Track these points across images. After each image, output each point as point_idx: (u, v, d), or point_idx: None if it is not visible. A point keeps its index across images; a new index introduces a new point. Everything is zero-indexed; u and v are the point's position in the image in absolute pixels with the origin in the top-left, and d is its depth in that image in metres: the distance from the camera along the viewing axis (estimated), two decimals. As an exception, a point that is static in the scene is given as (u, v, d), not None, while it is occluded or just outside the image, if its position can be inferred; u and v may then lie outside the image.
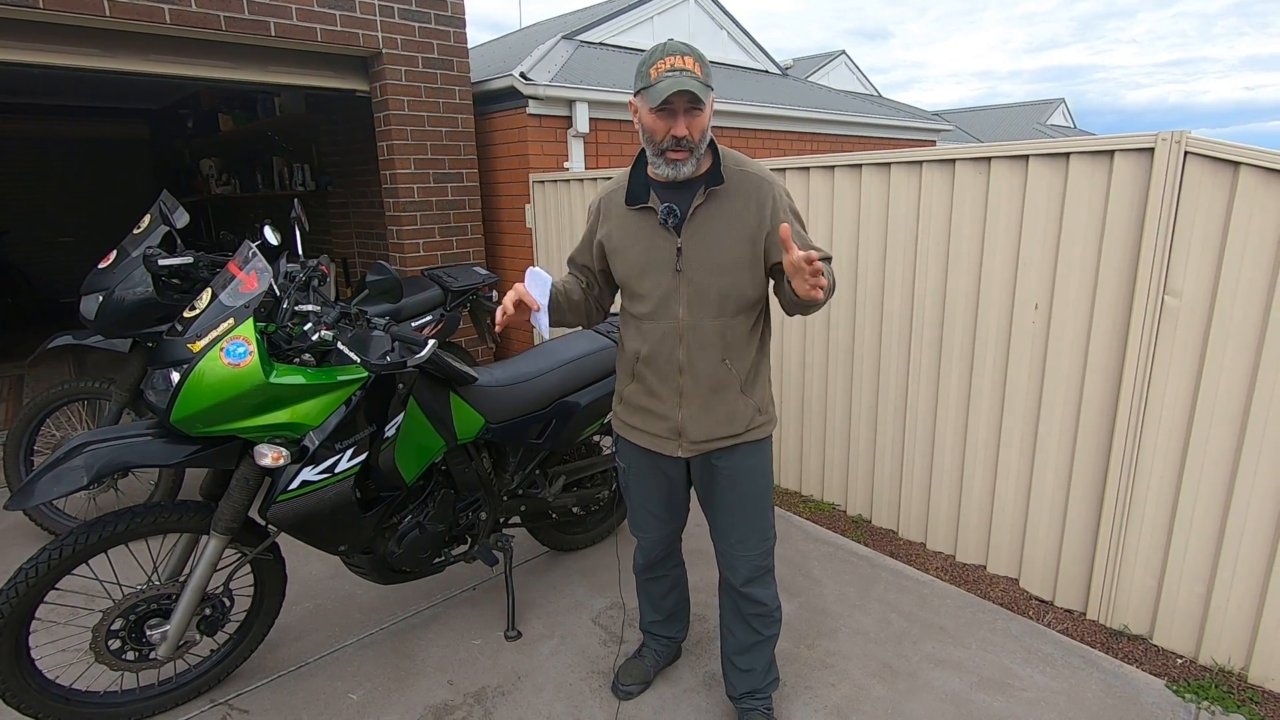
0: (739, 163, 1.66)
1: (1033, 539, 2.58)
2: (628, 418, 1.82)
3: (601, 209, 1.75)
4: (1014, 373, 2.53)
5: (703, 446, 1.72)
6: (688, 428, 1.70)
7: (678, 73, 1.48)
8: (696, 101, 1.49)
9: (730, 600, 1.89)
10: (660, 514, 1.91)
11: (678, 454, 1.74)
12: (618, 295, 1.85)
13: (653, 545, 1.96)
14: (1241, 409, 2.04)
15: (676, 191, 1.62)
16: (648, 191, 1.64)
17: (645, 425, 1.77)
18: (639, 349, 1.73)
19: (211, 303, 1.84)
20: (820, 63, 12.77)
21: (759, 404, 1.73)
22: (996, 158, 2.44)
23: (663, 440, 1.75)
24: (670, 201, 1.61)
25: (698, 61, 1.51)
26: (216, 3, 3.56)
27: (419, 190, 4.55)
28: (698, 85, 1.47)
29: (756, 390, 1.73)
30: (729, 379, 1.68)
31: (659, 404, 1.73)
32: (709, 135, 1.59)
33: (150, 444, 1.78)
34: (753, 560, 1.80)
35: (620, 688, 2.09)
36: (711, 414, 1.69)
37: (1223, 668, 2.17)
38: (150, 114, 8.78)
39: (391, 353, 1.86)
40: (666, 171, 1.58)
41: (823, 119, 7.08)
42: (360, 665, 2.24)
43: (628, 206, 1.67)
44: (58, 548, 1.75)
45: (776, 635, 1.91)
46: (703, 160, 1.62)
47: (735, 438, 1.72)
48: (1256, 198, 1.94)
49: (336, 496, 1.91)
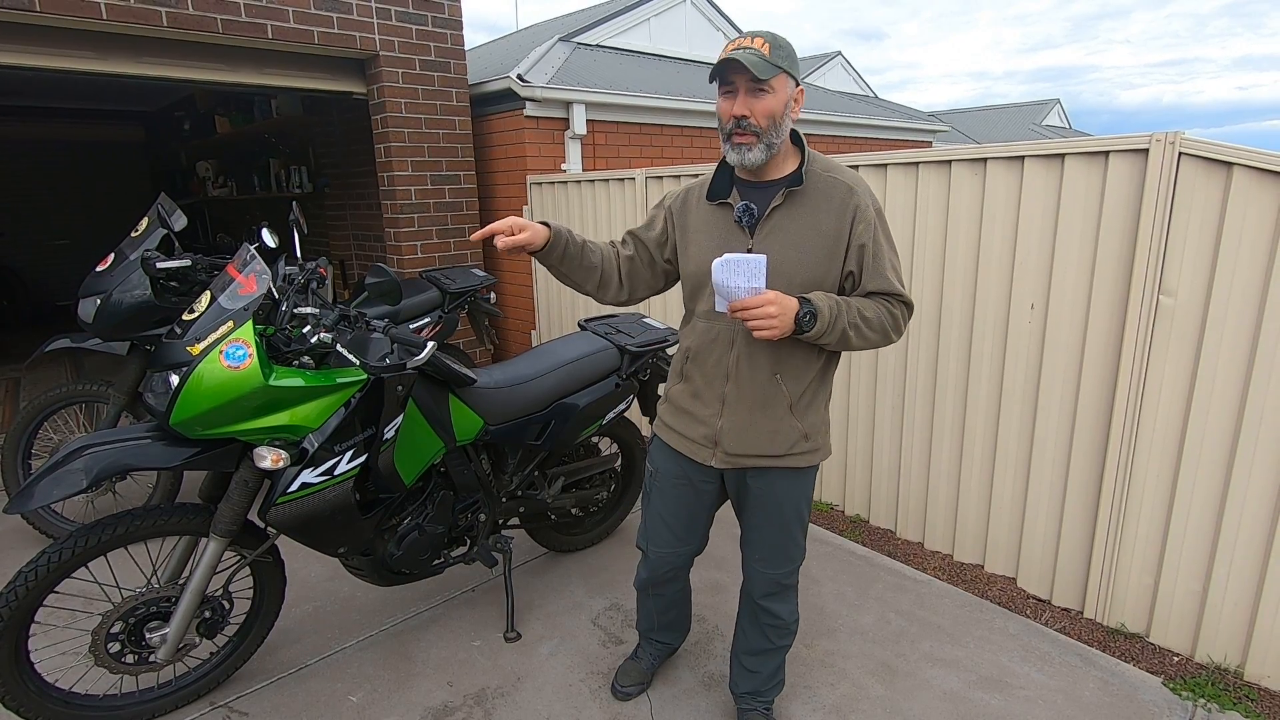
0: (828, 168, 1.56)
1: (1030, 538, 2.59)
2: (668, 419, 1.75)
3: (683, 201, 1.68)
4: (1010, 372, 2.54)
5: (738, 461, 1.64)
6: (725, 438, 1.63)
7: (741, 50, 1.41)
8: (758, 80, 1.41)
9: (748, 606, 1.85)
10: (677, 531, 1.81)
11: (711, 463, 1.67)
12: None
13: (660, 562, 1.86)
14: (1236, 407, 2.06)
15: (758, 191, 1.55)
16: (730, 187, 1.58)
17: (684, 429, 1.70)
18: (690, 345, 1.67)
19: (210, 305, 1.84)
20: (817, 64, 12.80)
21: (808, 429, 1.62)
22: (992, 159, 2.45)
23: (698, 447, 1.68)
24: (750, 200, 1.54)
25: (768, 42, 1.43)
26: (213, 5, 3.56)
27: (416, 192, 4.55)
28: (754, 59, 1.38)
29: (809, 415, 1.62)
30: (778, 396, 1.58)
31: (701, 408, 1.66)
32: (786, 124, 1.49)
33: (149, 447, 1.78)
34: (773, 577, 1.76)
35: (619, 689, 2.09)
36: (754, 429, 1.60)
37: (1219, 665, 2.18)
38: (146, 116, 8.78)
39: (391, 355, 1.86)
40: (734, 158, 1.50)
41: (819, 120, 7.10)
42: (360, 667, 2.24)
43: (708, 201, 1.61)
44: (57, 551, 1.75)
45: (788, 648, 1.89)
46: (786, 159, 1.55)
47: (774, 459, 1.62)
48: (1250, 198, 1.95)
49: (336, 499, 1.91)
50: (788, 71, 1.46)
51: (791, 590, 1.81)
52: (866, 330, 1.51)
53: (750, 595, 1.83)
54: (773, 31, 1.48)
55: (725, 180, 1.60)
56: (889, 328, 1.55)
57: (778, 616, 1.81)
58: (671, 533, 1.82)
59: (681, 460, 1.74)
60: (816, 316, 1.43)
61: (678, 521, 1.81)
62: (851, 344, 1.51)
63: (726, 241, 1.56)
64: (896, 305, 1.56)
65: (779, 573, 1.76)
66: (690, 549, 1.86)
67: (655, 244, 1.72)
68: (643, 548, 1.90)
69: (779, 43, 1.45)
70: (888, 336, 1.55)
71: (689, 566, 1.94)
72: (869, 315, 1.51)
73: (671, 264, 1.72)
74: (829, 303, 1.46)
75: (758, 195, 1.55)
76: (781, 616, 1.81)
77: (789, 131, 1.53)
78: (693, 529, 1.82)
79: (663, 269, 1.74)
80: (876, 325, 1.52)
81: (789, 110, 1.49)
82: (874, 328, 1.52)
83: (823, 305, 1.44)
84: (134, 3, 3.33)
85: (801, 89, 1.52)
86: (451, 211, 4.73)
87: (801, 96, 1.52)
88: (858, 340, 1.51)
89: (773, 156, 1.51)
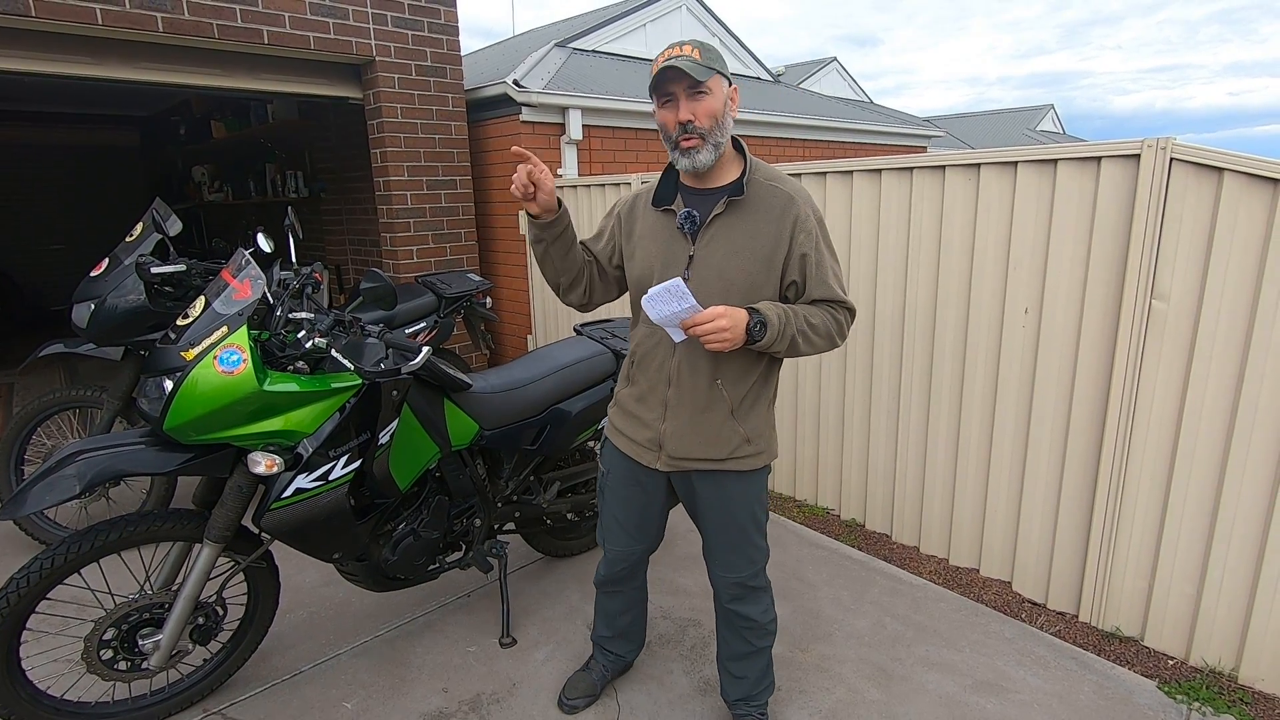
0: (770, 176, 1.60)
1: (1025, 542, 2.59)
2: (616, 421, 1.81)
3: (630, 208, 1.72)
4: (1005, 377, 2.55)
5: (681, 464, 1.68)
6: (668, 441, 1.67)
7: (674, 58, 1.46)
8: (696, 84, 1.46)
9: (721, 612, 1.88)
10: (629, 529, 1.86)
11: (656, 466, 1.71)
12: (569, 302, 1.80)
13: (616, 559, 1.92)
14: (1229, 410, 2.07)
15: (701, 198, 1.59)
16: (675, 194, 1.62)
17: (630, 432, 1.75)
18: (635, 350, 1.73)
19: (205, 310, 1.84)
20: (812, 69, 12.84)
21: (750, 433, 1.66)
22: (986, 164, 2.46)
23: (643, 450, 1.73)
24: (693, 207, 1.58)
25: (697, 48, 1.49)
26: (210, 11, 3.56)
27: (412, 197, 4.55)
28: (689, 64, 1.44)
29: (750, 419, 1.66)
30: (718, 401, 1.62)
31: (645, 411, 1.71)
32: (728, 123, 1.53)
33: (143, 452, 1.78)
34: (736, 581, 1.78)
35: (566, 701, 2.05)
36: (695, 432, 1.64)
37: (1213, 668, 2.18)
38: (142, 121, 8.76)
39: (386, 360, 1.86)
40: (685, 163, 1.54)
41: (815, 125, 7.13)
42: (355, 673, 2.23)
43: (654, 207, 1.65)
44: (49, 557, 1.74)
45: (770, 647, 1.90)
46: (730, 167, 1.59)
47: (717, 462, 1.66)
48: (1241, 203, 1.97)
49: (330, 504, 1.91)
50: (720, 72, 1.51)
51: (760, 592, 1.82)
52: (813, 336, 1.55)
53: (720, 601, 1.85)
54: (697, 38, 1.54)
55: (670, 187, 1.64)
56: (834, 333, 1.60)
57: (749, 619, 1.82)
58: (625, 531, 1.87)
59: (629, 461, 1.78)
60: (766, 326, 1.47)
61: (630, 520, 1.85)
62: (800, 351, 1.56)
63: (670, 247, 1.61)
64: (840, 311, 1.61)
65: (740, 576, 1.77)
66: (643, 546, 1.91)
67: (604, 255, 1.76)
68: (601, 544, 1.96)
69: (706, 47, 1.51)
70: (833, 341, 1.61)
71: (644, 565, 1.99)
72: (815, 322, 1.56)
73: (621, 271, 1.76)
74: (777, 312, 1.49)
75: (701, 202, 1.59)
76: (754, 618, 1.82)
77: (730, 137, 1.57)
78: (644, 527, 1.87)
79: (614, 277, 1.79)
80: (823, 331, 1.57)
81: (728, 109, 1.54)
82: (820, 334, 1.57)
83: (771, 315, 1.48)
84: (129, 7, 3.33)
85: (735, 88, 1.58)
86: (447, 216, 4.73)
87: (736, 95, 1.58)
88: (806, 347, 1.55)
89: (719, 160, 1.56)
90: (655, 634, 2.40)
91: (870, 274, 2.92)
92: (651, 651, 2.31)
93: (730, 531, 1.73)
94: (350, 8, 4.05)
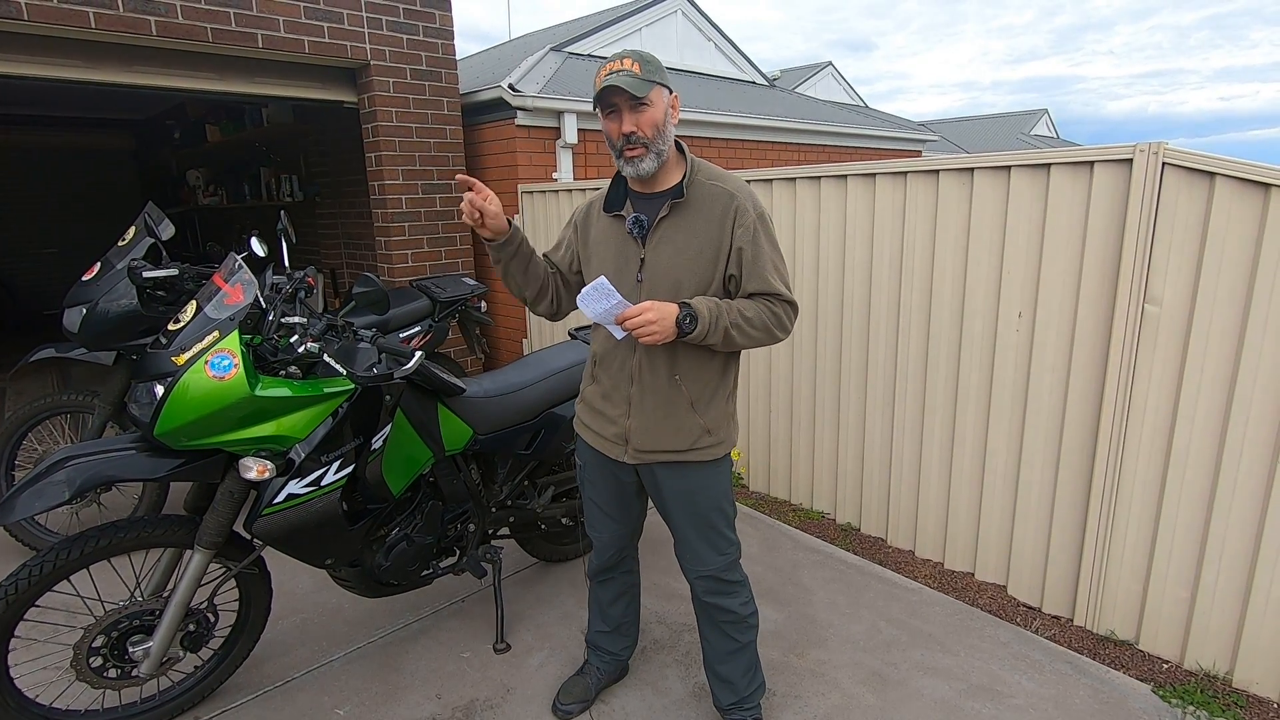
0: (711, 176, 1.66)
1: (1020, 546, 2.59)
2: (585, 418, 1.86)
3: (585, 215, 1.79)
4: (999, 380, 2.55)
5: (647, 456, 1.73)
6: (633, 436, 1.72)
7: (615, 74, 1.53)
8: (636, 98, 1.52)
9: (700, 609, 1.90)
10: (612, 513, 1.92)
11: (624, 459, 1.76)
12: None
13: (605, 546, 1.97)
14: (1222, 414, 2.07)
15: (648, 202, 1.65)
16: (624, 200, 1.69)
17: (597, 427, 1.81)
18: (597, 350, 1.79)
19: (196, 315, 1.83)
20: (807, 74, 12.89)
21: (709, 425, 1.71)
22: (979, 168, 2.47)
23: (611, 444, 1.78)
24: (641, 211, 1.64)
25: (637, 61, 1.54)
26: (203, 14, 3.55)
27: (407, 201, 4.55)
28: (629, 81, 1.51)
29: (710, 411, 1.71)
30: (679, 396, 1.67)
31: (610, 408, 1.76)
32: (669, 130, 1.60)
33: (134, 458, 1.77)
34: (708, 573, 1.81)
35: (560, 706, 2.05)
36: (658, 427, 1.70)
37: (1208, 672, 2.19)
38: (136, 124, 8.75)
39: (378, 364, 1.85)
40: (629, 170, 1.61)
41: (810, 129, 7.15)
42: (347, 680, 2.22)
43: (605, 213, 1.71)
44: (39, 564, 1.72)
45: (753, 643, 1.91)
46: (673, 171, 1.65)
47: (679, 454, 1.71)
48: (1233, 207, 1.97)
49: (323, 509, 1.90)
50: (659, 83, 1.57)
51: (736, 585, 1.84)
52: (749, 329, 1.58)
53: (698, 597, 1.87)
54: (638, 50, 1.59)
55: (620, 193, 1.71)
56: (772, 325, 1.62)
57: (729, 610, 1.84)
58: (607, 515, 1.93)
59: (600, 455, 1.83)
60: (696, 319, 1.51)
61: (610, 505, 1.91)
62: (736, 343, 1.60)
63: (622, 250, 1.67)
64: (778, 305, 1.63)
65: (711, 568, 1.80)
66: (626, 529, 1.95)
67: (564, 263, 1.83)
68: (589, 534, 2.00)
69: (646, 59, 1.57)
70: (773, 335, 1.63)
71: (632, 551, 2.03)
72: (750, 315, 1.58)
73: (581, 277, 1.81)
74: (707, 305, 1.54)
75: (648, 206, 1.65)
76: (733, 610, 1.84)
77: (673, 141, 1.63)
78: (625, 511, 1.92)
79: (576, 284, 1.83)
80: (759, 324, 1.59)
81: (669, 117, 1.61)
82: (756, 326, 1.59)
83: (701, 308, 1.53)
84: (124, 11, 3.33)
85: (676, 95, 1.63)
86: (443, 220, 4.73)
87: (677, 102, 1.65)
88: (741, 340, 1.59)
89: (663, 165, 1.62)
90: (649, 639, 2.39)
91: (864, 277, 2.92)
92: (646, 657, 2.31)
93: (696, 522, 1.77)
94: (345, 12, 4.04)
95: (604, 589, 2.06)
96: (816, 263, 3.09)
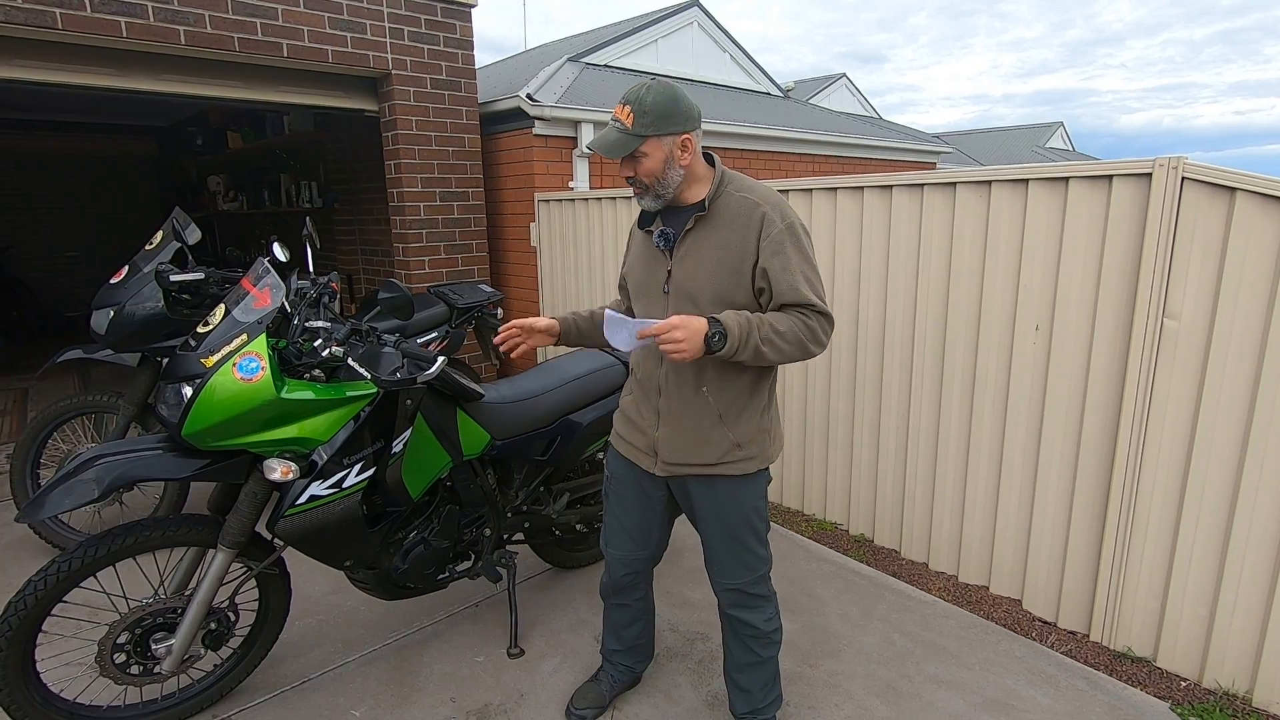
0: (741, 187, 1.63)
1: (1035, 560, 2.58)
2: (619, 427, 1.88)
3: (630, 233, 1.85)
4: (1015, 393, 2.55)
5: (676, 469, 1.72)
6: (662, 447, 1.72)
7: (610, 125, 1.58)
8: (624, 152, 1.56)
9: (725, 620, 1.89)
10: (633, 533, 1.88)
11: (654, 471, 1.76)
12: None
13: (619, 566, 1.93)
14: (1242, 430, 2.06)
15: (677, 216, 1.67)
16: (655, 215, 1.71)
17: (631, 438, 1.82)
18: (632, 362, 1.82)
19: (225, 318, 1.87)
20: (822, 85, 12.93)
21: (740, 439, 1.67)
22: (997, 181, 2.48)
23: (642, 455, 1.78)
24: (669, 225, 1.66)
25: (635, 111, 1.53)
26: (231, 24, 3.63)
27: (425, 208, 4.60)
28: (613, 139, 1.55)
29: (740, 424, 1.67)
30: (705, 408, 1.66)
31: (641, 419, 1.78)
32: (673, 173, 1.58)
33: (161, 458, 1.80)
34: (734, 587, 1.79)
35: (574, 710, 2.06)
36: (685, 439, 1.69)
37: (1227, 691, 2.16)
38: (159, 130, 8.90)
39: (401, 369, 1.88)
40: (639, 204, 1.68)
41: (824, 140, 7.16)
42: (363, 682, 2.24)
43: (639, 228, 1.76)
44: (66, 561, 1.76)
45: (774, 658, 1.89)
46: (700, 185, 1.65)
47: (708, 467, 1.69)
48: (1254, 223, 1.97)
49: (344, 511, 1.93)
50: (654, 135, 1.53)
51: (762, 600, 1.82)
52: (781, 344, 1.51)
53: (722, 608, 1.86)
54: (644, 91, 1.54)
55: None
56: (806, 339, 1.53)
57: (753, 626, 1.82)
58: (628, 536, 1.90)
59: (632, 466, 1.83)
60: (726, 336, 1.46)
61: (634, 525, 1.88)
62: (768, 359, 1.52)
63: (651, 264, 1.72)
64: (812, 317, 1.55)
65: (737, 582, 1.79)
66: (646, 554, 1.92)
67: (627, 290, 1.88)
68: (604, 550, 1.97)
69: (644, 107, 1.52)
70: (806, 350, 1.55)
71: (648, 576, 2.00)
72: (782, 329, 1.51)
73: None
74: (738, 320, 1.48)
75: (676, 220, 1.67)
76: (757, 626, 1.82)
77: (680, 174, 1.60)
78: (647, 534, 1.89)
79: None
80: (792, 339, 1.52)
81: (672, 162, 1.57)
82: (789, 340, 1.52)
83: (731, 323, 1.47)
84: (154, 21, 3.41)
85: (689, 135, 1.57)
86: (460, 228, 4.78)
87: (691, 142, 1.58)
88: (774, 355, 1.51)
89: (687, 180, 1.62)
90: (663, 647, 2.40)
91: (880, 290, 2.93)
92: (659, 664, 2.31)
93: (726, 537, 1.75)
94: (368, 22, 4.12)
95: (619, 613, 2.05)
96: (830, 274, 3.10)
